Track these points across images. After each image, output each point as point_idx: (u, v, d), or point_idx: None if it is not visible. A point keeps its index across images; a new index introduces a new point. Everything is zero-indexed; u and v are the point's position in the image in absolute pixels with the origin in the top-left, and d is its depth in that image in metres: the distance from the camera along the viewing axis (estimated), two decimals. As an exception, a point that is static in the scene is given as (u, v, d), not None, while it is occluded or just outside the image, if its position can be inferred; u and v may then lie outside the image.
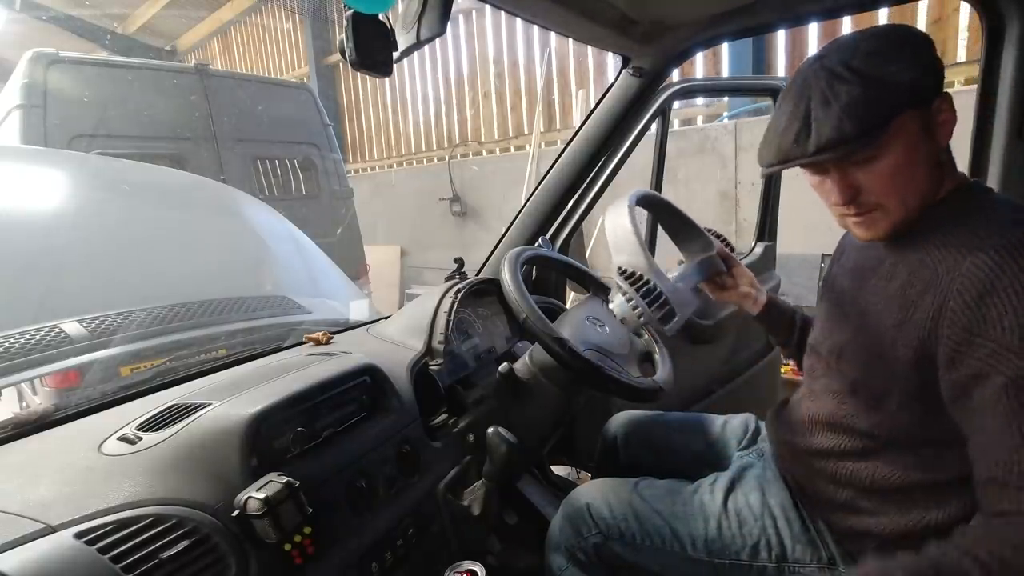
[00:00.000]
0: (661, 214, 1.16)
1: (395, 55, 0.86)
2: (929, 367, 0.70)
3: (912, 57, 0.70)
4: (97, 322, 1.21)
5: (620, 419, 1.28)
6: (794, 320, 1.11)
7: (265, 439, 0.77)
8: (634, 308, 0.94)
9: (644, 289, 0.94)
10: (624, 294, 0.95)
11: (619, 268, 0.97)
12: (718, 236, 1.17)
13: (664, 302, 0.94)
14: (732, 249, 1.17)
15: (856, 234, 0.80)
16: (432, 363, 1.11)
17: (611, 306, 0.99)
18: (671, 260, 1.19)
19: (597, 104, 1.47)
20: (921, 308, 0.70)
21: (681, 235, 1.17)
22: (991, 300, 0.63)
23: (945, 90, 0.73)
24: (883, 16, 3.14)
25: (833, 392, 0.85)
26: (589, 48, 4.44)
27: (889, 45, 0.70)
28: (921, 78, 0.70)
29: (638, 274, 0.95)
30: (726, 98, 3.89)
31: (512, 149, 5.39)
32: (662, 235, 1.25)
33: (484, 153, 5.62)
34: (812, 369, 0.93)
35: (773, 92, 1.88)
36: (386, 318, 1.36)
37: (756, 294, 1.11)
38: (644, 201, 1.10)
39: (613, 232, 0.99)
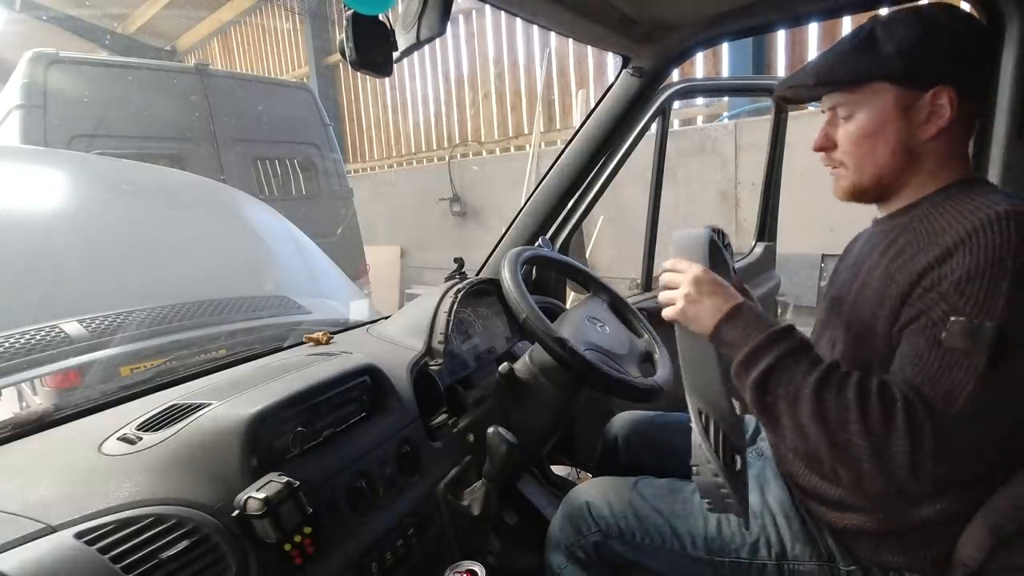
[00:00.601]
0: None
1: (395, 55, 0.86)
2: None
3: (908, 35, 0.71)
4: (97, 322, 1.21)
5: (621, 419, 1.28)
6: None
7: (265, 439, 0.77)
8: (708, 461, 0.76)
9: (722, 442, 0.77)
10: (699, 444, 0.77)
11: (699, 410, 0.79)
12: (719, 232, 1.13)
13: (737, 473, 0.78)
14: (730, 248, 1.16)
15: (832, 188, 0.84)
16: (432, 363, 1.11)
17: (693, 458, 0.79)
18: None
19: (597, 104, 1.47)
20: (897, 280, 0.72)
21: None
22: (953, 259, 0.66)
23: (950, 85, 0.71)
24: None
25: None
26: (589, 48, 4.45)
27: (905, 19, 0.73)
28: (905, 56, 0.71)
29: (718, 424, 0.77)
30: (726, 98, 3.89)
31: (512, 149, 5.40)
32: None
33: (484, 153, 5.63)
34: None
35: (773, 92, 1.88)
36: (386, 318, 1.36)
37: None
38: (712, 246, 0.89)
39: (690, 364, 0.81)
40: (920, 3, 0.76)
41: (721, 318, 0.75)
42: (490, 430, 0.96)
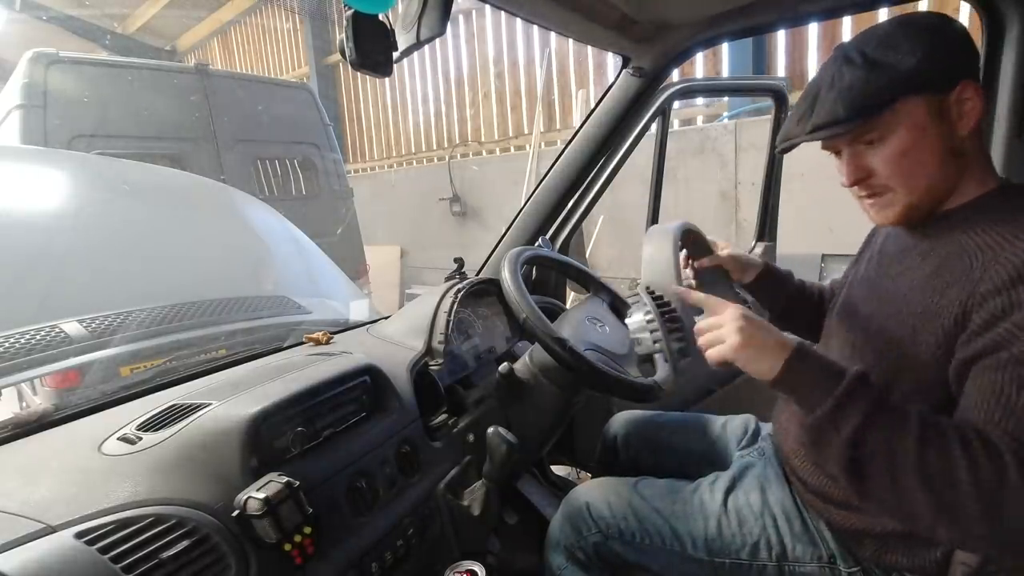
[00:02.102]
0: (699, 252, 1.11)
1: (395, 55, 0.86)
2: (946, 357, 0.69)
3: (918, 44, 0.70)
4: (97, 322, 1.21)
5: (621, 419, 1.28)
6: (782, 291, 1.11)
7: (265, 439, 0.77)
8: (652, 330, 0.88)
9: (669, 315, 0.88)
10: (646, 313, 0.89)
11: (647, 287, 0.92)
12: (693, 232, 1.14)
13: (683, 336, 0.88)
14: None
15: (871, 217, 0.80)
16: (432, 363, 1.11)
17: (628, 320, 0.92)
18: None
19: (597, 104, 1.47)
20: (948, 296, 0.69)
21: (709, 286, 1.09)
22: (1021, 287, 0.62)
23: (970, 79, 0.71)
24: (883, 16, 3.14)
25: None
26: (589, 48, 4.44)
27: (904, 32, 0.72)
28: (926, 65, 0.69)
29: (665, 299, 0.90)
30: (726, 98, 3.89)
31: (512, 149, 5.40)
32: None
33: (484, 153, 5.63)
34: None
35: (773, 92, 1.88)
36: (386, 318, 1.35)
37: (744, 263, 1.10)
38: (688, 232, 1.06)
39: (652, 257, 0.94)
40: (906, 14, 0.75)
41: (790, 357, 0.70)
42: (490, 430, 0.96)
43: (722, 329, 0.75)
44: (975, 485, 0.59)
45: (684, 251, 1.10)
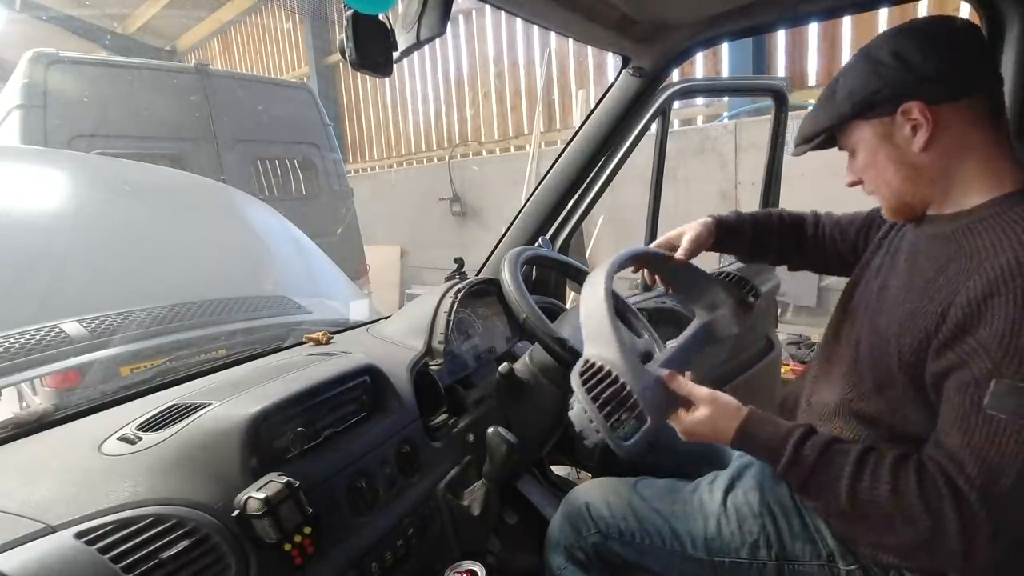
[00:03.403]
0: (659, 267, 1.01)
1: (395, 55, 0.86)
2: (923, 362, 0.71)
3: (852, 77, 0.77)
4: (97, 322, 1.21)
5: (621, 418, 1.28)
6: (741, 237, 1.07)
7: (265, 439, 0.77)
8: (591, 420, 0.75)
9: (608, 397, 0.75)
10: (582, 408, 0.76)
11: (584, 362, 0.79)
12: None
13: (626, 417, 0.75)
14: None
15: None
16: (432, 363, 1.11)
17: (570, 414, 0.79)
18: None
19: (597, 104, 1.47)
20: (935, 301, 0.70)
21: (686, 287, 1.01)
22: (992, 302, 0.63)
23: (914, 99, 0.72)
24: (883, 16, 3.14)
25: (844, 376, 0.85)
26: (589, 48, 4.44)
27: (855, 59, 0.79)
28: (854, 97, 0.76)
29: (606, 370, 0.76)
30: (726, 98, 3.89)
31: (512, 149, 5.40)
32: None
33: (484, 153, 5.63)
34: (824, 351, 0.93)
35: (773, 92, 1.88)
36: (386, 318, 1.35)
37: (701, 241, 1.03)
38: (632, 260, 0.95)
39: (585, 315, 0.81)
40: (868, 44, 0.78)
41: (735, 437, 0.80)
42: (490, 430, 0.96)
43: (686, 421, 0.82)
44: (910, 524, 0.66)
45: (643, 272, 1.07)
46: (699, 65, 4.05)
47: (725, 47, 3.79)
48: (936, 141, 0.73)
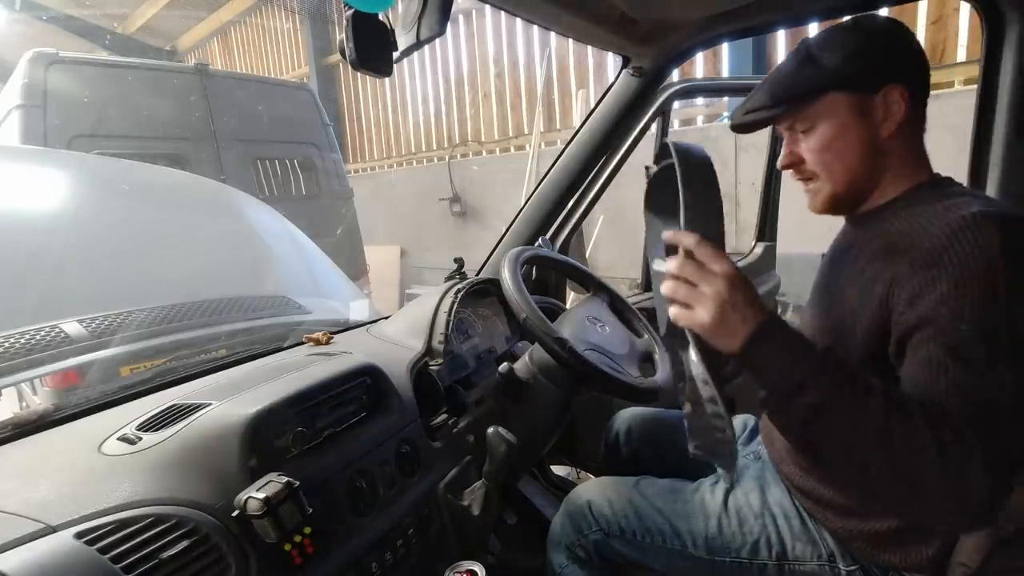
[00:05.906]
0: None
1: (395, 55, 0.86)
2: (883, 343, 0.71)
3: (849, 44, 0.74)
4: (97, 322, 1.21)
5: (624, 415, 1.29)
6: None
7: (265, 439, 0.77)
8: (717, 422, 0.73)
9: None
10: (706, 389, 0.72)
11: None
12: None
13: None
14: None
15: (808, 203, 0.85)
16: (432, 363, 1.11)
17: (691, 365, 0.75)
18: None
19: (597, 104, 1.47)
20: (878, 283, 0.72)
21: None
22: (937, 268, 0.65)
23: (898, 83, 0.74)
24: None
25: None
26: (589, 48, 4.44)
27: (844, 32, 0.76)
28: (850, 64, 0.74)
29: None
30: (726, 98, 3.89)
31: (512, 149, 5.40)
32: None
33: (484, 153, 5.63)
34: None
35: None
36: (386, 318, 1.35)
37: None
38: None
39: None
40: (860, 15, 0.78)
41: (754, 332, 0.66)
42: (490, 430, 0.96)
43: (700, 289, 0.67)
44: (940, 465, 0.59)
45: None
46: (699, 65, 4.05)
47: (725, 47, 3.79)
48: (900, 130, 0.76)
